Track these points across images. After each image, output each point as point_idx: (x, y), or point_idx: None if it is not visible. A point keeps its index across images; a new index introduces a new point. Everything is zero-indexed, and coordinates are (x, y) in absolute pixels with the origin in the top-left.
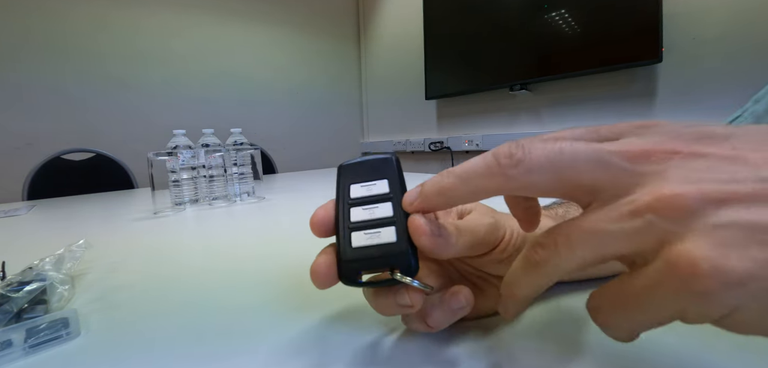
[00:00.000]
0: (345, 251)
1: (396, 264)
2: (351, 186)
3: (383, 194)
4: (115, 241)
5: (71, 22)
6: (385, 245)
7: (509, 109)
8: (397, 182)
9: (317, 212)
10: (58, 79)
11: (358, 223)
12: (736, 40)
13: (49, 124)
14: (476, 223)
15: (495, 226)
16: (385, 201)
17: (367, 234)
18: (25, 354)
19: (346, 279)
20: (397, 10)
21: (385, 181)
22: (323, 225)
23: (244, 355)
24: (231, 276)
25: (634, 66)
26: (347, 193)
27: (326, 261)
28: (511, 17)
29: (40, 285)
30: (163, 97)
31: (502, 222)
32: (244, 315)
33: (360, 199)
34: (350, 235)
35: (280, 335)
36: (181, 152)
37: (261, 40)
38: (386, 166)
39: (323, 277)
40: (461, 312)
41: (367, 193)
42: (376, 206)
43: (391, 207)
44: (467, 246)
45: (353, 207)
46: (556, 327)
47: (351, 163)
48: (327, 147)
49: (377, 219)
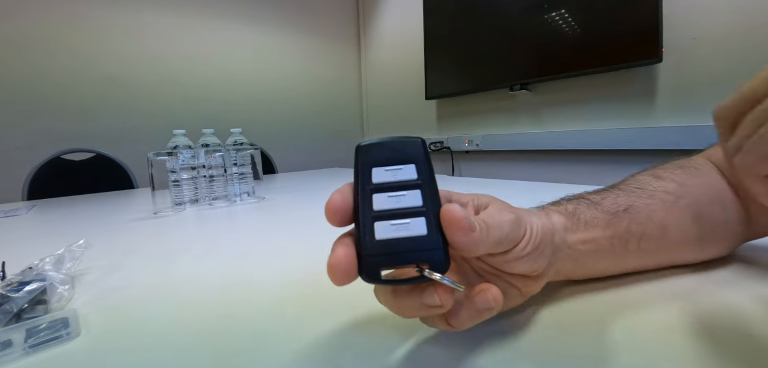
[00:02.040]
0: (367, 244)
1: (427, 260)
2: (373, 169)
3: (411, 180)
4: (115, 241)
5: (71, 22)
6: (415, 239)
7: (509, 109)
8: (427, 168)
9: (333, 197)
10: (58, 79)
11: (382, 212)
12: (736, 40)
13: (49, 124)
14: (499, 219)
15: (517, 222)
16: (413, 189)
17: (394, 226)
18: (25, 354)
19: (368, 275)
20: (397, 11)
21: (412, 166)
22: (340, 213)
23: (244, 355)
24: (231, 277)
25: (634, 66)
26: (368, 177)
27: (347, 255)
28: (511, 17)
29: (40, 285)
30: (163, 97)
31: (524, 218)
32: (244, 315)
33: (384, 185)
34: (373, 226)
35: (280, 336)
36: (181, 152)
37: (261, 40)
38: (414, 148)
39: (344, 273)
40: (488, 314)
41: (393, 179)
42: (403, 194)
43: (420, 195)
44: (494, 243)
45: (376, 194)
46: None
47: (372, 143)
48: (327, 147)
49: (405, 209)
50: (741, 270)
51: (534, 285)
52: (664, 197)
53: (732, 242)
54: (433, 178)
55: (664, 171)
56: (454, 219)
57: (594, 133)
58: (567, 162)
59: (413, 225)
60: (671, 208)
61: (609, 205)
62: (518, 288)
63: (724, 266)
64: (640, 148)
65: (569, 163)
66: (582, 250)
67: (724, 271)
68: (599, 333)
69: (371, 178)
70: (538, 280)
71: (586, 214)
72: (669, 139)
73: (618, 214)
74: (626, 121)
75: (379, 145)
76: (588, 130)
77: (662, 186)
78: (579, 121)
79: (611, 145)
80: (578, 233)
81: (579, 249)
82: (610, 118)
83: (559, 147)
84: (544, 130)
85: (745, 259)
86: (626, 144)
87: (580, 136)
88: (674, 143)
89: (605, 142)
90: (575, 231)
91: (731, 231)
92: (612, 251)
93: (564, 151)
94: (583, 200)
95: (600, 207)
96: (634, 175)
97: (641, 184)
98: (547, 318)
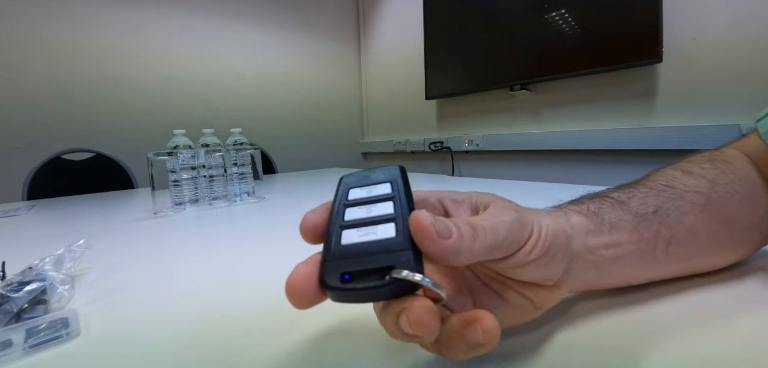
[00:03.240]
0: (331, 250)
1: (394, 262)
2: (350, 189)
3: (384, 194)
4: (115, 241)
5: (71, 22)
6: (382, 241)
7: (509, 109)
8: (402, 186)
9: (307, 216)
10: (58, 79)
11: (351, 222)
12: (736, 40)
13: (49, 124)
14: (496, 220)
15: (519, 223)
16: (386, 201)
17: (361, 232)
18: (25, 354)
19: (327, 283)
20: (397, 10)
21: (387, 184)
22: (314, 230)
23: (244, 356)
24: (231, 277)
25: (634, 66)
26: (345, 195)
27: (307, 272)
28: (511, 17)
29: (40, 285)
30: (163, 97)
31: (528, 218)
32: (244, 315)
33: (358, 200)
34: (341, 233)
35: (281, 337)
36: (181, 152)
37: (261, 40)
38: (392, 171)
39: (301, 290)
40: (483, 349)
41: (367, 195)
42: (375, 205)
43: (392, 205)
44: (486, 250)
45: (349, 208)
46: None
47: (353, 173)
48: (327, 147)
49: (374, 216)
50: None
51: (549, 297)
52: (694, 198)
53: (756, 245)
54: (409, 191)
55: (693, 165)
56: (419, 225)
57: (594, 133)
58: (567, 162)
59: (381, 230)
60: (702, 212)
61: (636, 206)
62: (530, 299)
63: (751, 275)
64: (640, 148)
65: (569, 163)
66: (606, 256)
67: (754, 282)
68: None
69: (347, 195)
70: (554, 290)
71: (611, 215)
72: (669, 138)
73: (646, 216)
74: (626, 121)
75: (361, 173)
76: (588, 130)
77: (693, 185)
78: (579, 121)
79: (611, 145)
80: (601, 236)
81: (602, 254)
82: (610, 118)
83: (559, 147)
84: (544, 130)
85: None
86: (626, 144)
87: (580, 136)
88: (674, 143)
89: (605, 142)
90: (598, 233)
91: (758, 233)
92: (639, 257)
93: (564, 151)
94: (607, 199)
95: (626, 207)
96: (660, 170)
97: (669, 180)
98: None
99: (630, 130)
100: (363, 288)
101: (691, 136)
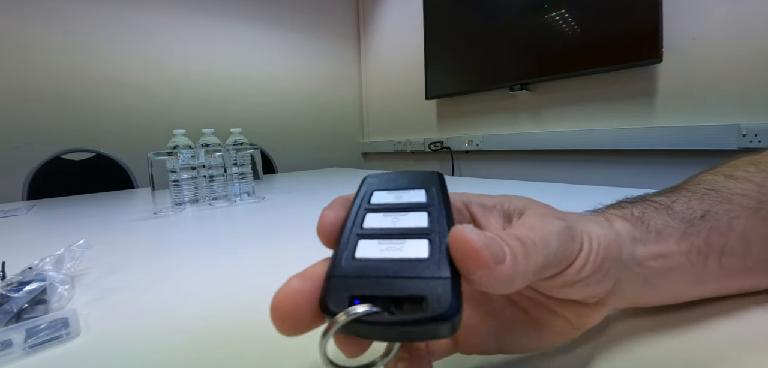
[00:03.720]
0: (342, 263)
1: (424, 291)
2: (375, 191)
3: (417, 203)
4: (115, 241)
5: (71, 22)
6: (409, 262)
7: (509, 109)
8: (440, 196)
9: (324, 213)
10: (58, 79)
11: (372, 231)
12: (736, 40)
13: (49, 124)
14: (544, 232)
15: (569, 233)
16: (418, 211)
17: (383, 244)
18: (25, 354)
19: (330, 307)
20: (397, 10)
21: (422, 191)
22: (335, 232)
23: (245, 356)
24: (231, 277)
25: (634, 66)
26: (368, 198)
27: (300, 289)
28: (511, 17)
29: (40, 285)
30: (163, 97)
31: (576, 228)
32: (244, 315)
33: (383, 206)
34: (356, 243)
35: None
36: (181, 152)
37: (261, 40)
38: (428, 177)
39: (291, 312)
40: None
41: (395, 201)
42: (405, 215)
43: (427, 217)
44: (537, 270)
45: (371, 213)
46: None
47: (380, 174)
48: (327, 147)
49: (402, 228)
50: None
51: (592, 316)
52: (742, 201)
53: None
54: (448, 203)
55: (735, 169)
56: (467, 246)
57: (594, 133)
58: (567, 162)
59: (410, 247)
60: (753, 216)
61: (682, 210)
62: (569, 319)
63: None
64: (640, 147)
65: (569, 162)
66: (654, 268)
67: None
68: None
69: (370, 198)
70: (597, 309)
71: (657, 221)
72: (669, 139)
73: (694, 222)
74: (626, 121)
75: (390, 174)
76: (588, 130)
77: (739, 188)
78: (579, 121)
79: (611, 145)
80: (649, 245)
81: (650, 266)
82: (610, 118)
83: (559, 147)
84: (544, 130)
85: None
86: (626, 144)
87: (580, 136)
88: (674, 143)
89: (605, 142)
90: (645, 242)
91: None
92: (690, 269)
93: (564, 151)
94: (650, 203)
95: (672, 212)
96: (698, 175)
97: (711, 184)
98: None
99: (630, 129)
100: (381, 322)
101: (691, 136)
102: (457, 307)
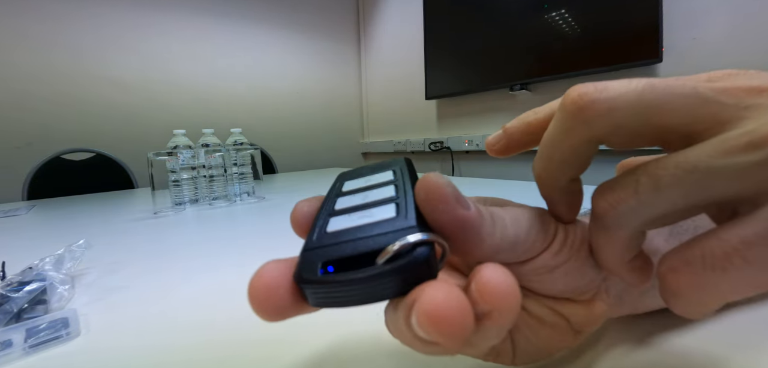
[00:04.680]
0: (312, 239)
1: (392, 241)
2: (346, 181)
3: (385, 180)
4: (115, 241)
5: (71, 22)
6: (379, 223)
7: (509, 109)
8: (406, 173)
9: (299, 205)
10: (58, 79)
11: (342, 209)
12: (736, 40)
13: (49, 124)
14: (516, 213)
15: (543, 219)
16: (386, 186)
17: (353, 218)
18: (25, 354)
19: (303, 276)
20: (397, 10)
21: (389, 172)
22: (308, 223)
23: (244, 356)
24: (231, 277)
25: (634, 66)
26: (340, 187)
27: (277, 268)
28: (511, 17)
29: (40, 285)
30: (163, 97)
31: (553, 218)
32: (244, 315)
33: (353, 190)
34: (328, 221)
35: (281, 337)
36: (181, 152)
37: (261, 40)
38: (394, 162)
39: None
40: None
41: (364, 184)
42: (373, 191)
43: (394, 188)
44: (508, 243)
45: (341, 197)
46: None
47: (353, 168)
48: (327, 147)
49: (371, 201)
50: None
51: (587, 316)
52: None
53: None
54: (415, 179)
55: None
56: (430, 185)
57: None
58: None
59: (378, 213)
60: None
61: None
62: (565, 317)
63: None
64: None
65: None
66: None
67: None
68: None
69: (342, 188)
70: (590, 308)
71: None
72: None
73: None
74: None
75: (361, 167)
76: None
77: None
78: None
79: None
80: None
81: None
82: None
83: None
84: None
85: None
86: None
87: None
88: None
89: None
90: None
91: None
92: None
93: None
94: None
95: None
96: None
97: None
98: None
99: None
100: (352, 279)
101: None
102: (425, 241)
